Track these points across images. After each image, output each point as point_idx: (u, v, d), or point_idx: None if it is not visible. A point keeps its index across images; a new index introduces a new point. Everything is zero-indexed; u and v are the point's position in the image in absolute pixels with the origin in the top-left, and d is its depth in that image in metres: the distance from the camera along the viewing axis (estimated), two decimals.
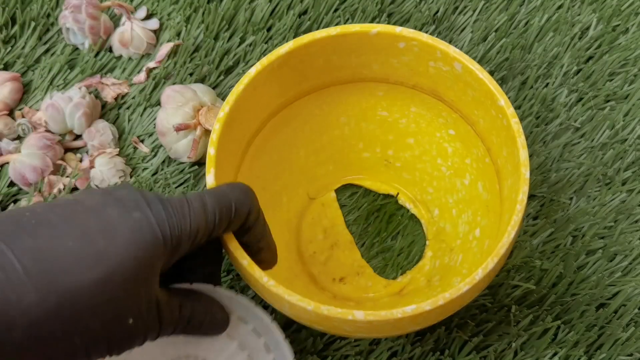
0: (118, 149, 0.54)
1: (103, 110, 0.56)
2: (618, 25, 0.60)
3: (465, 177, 0.50)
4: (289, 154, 0.52)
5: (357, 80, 0.49)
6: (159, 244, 0.34)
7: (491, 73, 0.57)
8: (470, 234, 0.49)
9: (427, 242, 0.52)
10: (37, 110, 0.56)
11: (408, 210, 0.53)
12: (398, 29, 0.44)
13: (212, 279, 0.41)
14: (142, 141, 0.56)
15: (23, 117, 0.55)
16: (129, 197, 0.35)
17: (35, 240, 0.32)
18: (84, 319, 0.32)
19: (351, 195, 0.54)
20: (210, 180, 0.42)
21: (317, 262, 0.51)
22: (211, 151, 0.42)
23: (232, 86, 0.57)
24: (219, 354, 0.41)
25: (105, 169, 0.53)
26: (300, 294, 0.39)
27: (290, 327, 0.48)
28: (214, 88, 0.57)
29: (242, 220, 0.38)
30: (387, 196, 0.54)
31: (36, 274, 0.31)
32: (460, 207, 0.50)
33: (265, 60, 0.44)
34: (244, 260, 0.39)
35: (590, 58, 0.59)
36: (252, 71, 0.44)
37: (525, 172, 0.40)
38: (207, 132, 0.53)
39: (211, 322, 0.39)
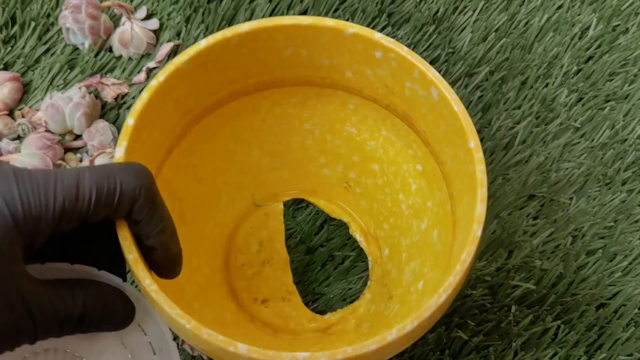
0: None
1: (103, 110, 0.56)
2: (618, 25, 0.60)
3: (423, 221, 0.45)
4: (239, 150, 0.47)
5: (328, 85, 0.44)
6: (9, 226, 0.29)
7: (491, 73, 0.57)
8: (413, 286, 0.44)
9: (369, 283, 0.47)
10: (37, 110, 0.56)
11: (357, 243, 0.49)
12: (377, 35, 0.39)
13: (114, 273, 0.35)
14: None
15: (23, 117, 0.55)
16: None
17: None
18: None
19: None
20: (119, 153, 0.36)
21: (243, 275, 0.47)
22: (129, 122, 0.37)
23: None
24: (103, 358, 0.35)
25: None
26: (210, 306, 0.33)
27: None
28: None
29: (130, 205, 0.32)
30: (339, 222, 0.50)
31: None
32: (411, 252, 0.46)
33: (219, 35, 0.39)
34: (130, 255, 0.34)
35: (590, 58, 0.59)
36: (202, 43, 0.39)
37: (476, 230, 0.35)
38: None
39: (112, 316, 0.34)
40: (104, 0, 0.59)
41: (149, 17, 0.60)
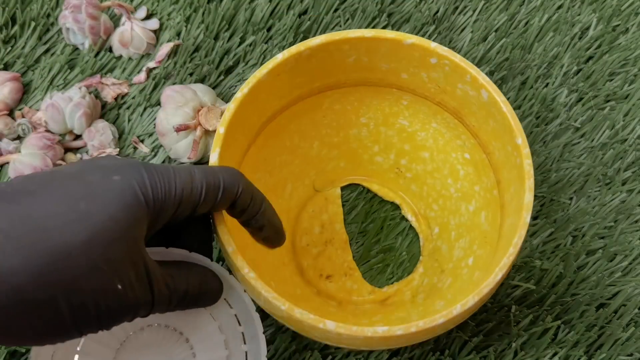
0: (118, 149, 0.54)
1: (103, 110, 0.56)
2: (618, 25, 0.60)
3: (470, 203, 0.49)
4: (303, 144, 0.51)
5: (385, 85, 0.49)
6: (141, 206, 0.33)
7: (491, 73, 0.57)
8: (464, 261, 0.48)
9: (421, 258, 0.51)
10: (37, 110, 0.56)
11: (409, 222, 0.52)
12: (433, 45, 0.44)
13: (203, 254, 0.40)
14: (142, 141, 0.56)
15: (23, 117, 0.55)
16: (109, 163, 0.35)
17: (14, 206, 0.31)
18: (68, 282, 0.31)
19: (356, 196, 0.54)
20: (213, 159, 0.42)
21: (308, 254, 0.51)
22: (221, 130, 0.42)
23: (232, 86, 0.57)
24: (198, 331, 0.40)
25: None
26: (283, 284, 0.38)
27: None
28: (214, 88, 0.57)
29: (230, 199, 0.38)
30: (391, 204, 0.53)
31: (17, 237, 0.30)
32: (460, 231, 0.50)
33: (294, 49, 0.44)
34: (229, 247, 0.39)
35: (590, 58, 0.59)
36: (279, 57, 0.44)
37: (526, 216, 0.40)
38: (207, 133, 0.53)
39: (207, 293, 0.39)
40: (104, 0, 0.59)
41: (149, 17, 0.60)
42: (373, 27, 0.59)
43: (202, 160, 0.54)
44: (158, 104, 0.56)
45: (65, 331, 0.32)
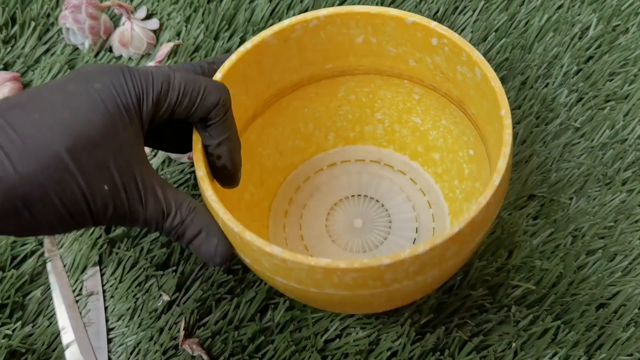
0: None
1: None
2: (618, 25, 0.60)
3: (471, 202, 0.49)
4: (318, 133, 0.53)
5: (396, 75, 0.49)
6: (120, 113, 0.36)
7: None
8: None
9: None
10: None
11: None
12: (433, 24, 0.44)
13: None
14: None
15: None
16: (92, 71, 0.37)
17: (4, 119, 0.34)
18: (58, 181, 0.34)
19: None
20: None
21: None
22: (217, 75, 0.43)
23: None
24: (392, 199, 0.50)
25: None
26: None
27: (290, 327, 0.48)
28: None
29: (209, 107, 0.39)
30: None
31: (7, 145, 0.34)
32: None
33: (301, 17, 0.45)
34: (199, 171, 0.40)
35: (590, 58, 0.59)
36: (286, 22, 0.45)
37: (495, 179, 0.39)
38: None
39: (205, 241, 0.40)
40: (104, 0, 0.59)
41: (149, 17, 0.60)
42: None
43: None
44: None
45: (66, 223, 0.36)
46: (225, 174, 0.42)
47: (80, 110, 0.35)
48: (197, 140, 0.41)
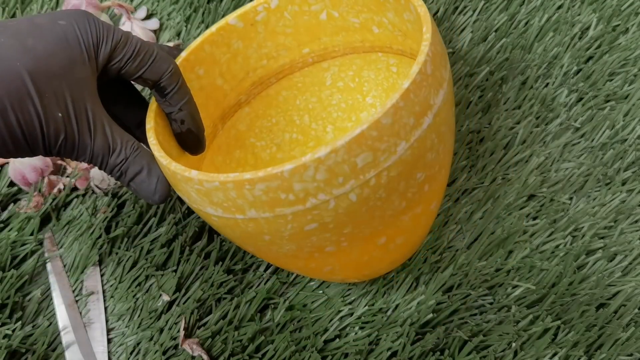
0: None
1: None
2: (618, 25, 0.60)
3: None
4: (315, 125, 0.53)
5: (368, 50, 0.50)
6: (79, 48, 0.39)
7: (491, 73, 0.57)
8: None
9: None
10: None
11: None
12: None
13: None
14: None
15: None
16: (60, 12, 0.40)
17: None
18: (15, 98, 0.37)
19: None
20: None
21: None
22: (183, 54, 0.46)
23: None
24: None
25: None
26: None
27: (290, 327, 0.48)
28: None
29: (159, 72, 0.42)
30: None
31: None
32: None
33: None
34: (148, 124, 0.42)
35: (590, 58, 0.59)
36: (248, 5, 0.47)
37: (405, 84, 0.37)
38: None
39: (146, 179, 0.42)
40: (104, 0, 0.59)
41: (149, 17, 0.60)
42: None
43: None
44: None
45: (18, 143, 0.38)
46: (192, 139, 0.45)
47: (44, 40, 0.38)
48: (153, 101, 0.44)
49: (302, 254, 0.43)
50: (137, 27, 0.58)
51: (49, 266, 0.51)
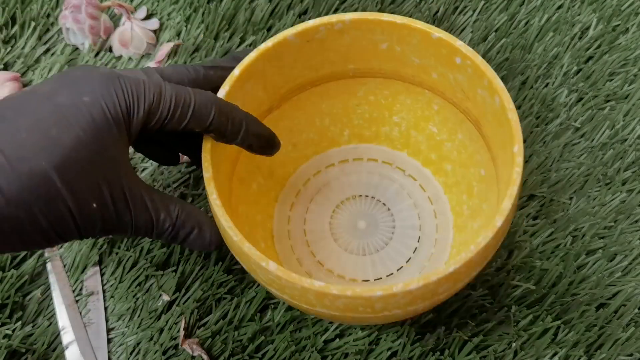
0: None
1: None
2: (618, 25, 0.60)
3: (476, 221, 0.48)
4: (333, 128, 0.53)
5: (417, 84, 0.49)
6: (110, 127, 0.36)
7: None
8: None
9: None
10: None
11: None
12: (458, 43, 0.44)
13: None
14: None
15: None
16: (82, 77, 0.37)
17: None
18: (46, 201, 0.34)
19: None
20: (220, 94, 0.43)
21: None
22: (235, 72, 0.44)
23: None
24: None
25: None
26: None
27: (290, 327, 0.48)
28: None
29: (204, 120, 0.39)
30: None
31: None
32: (461, 249, 0.49)
33: (326, 19, 0.45)
34: (206, 173, 0.41)
35: (590, 58, 0.59)
36: (310, 23, 0.45)
37: (498, 220, 0.39)
38: None
39: (198, 237, 0.40)
40: (104, 0, 0.59)
41: (149, 17, 0.60)
42: None
43: None
44: None
45: (52, 240, 0.36)
46: (266, 151, 0.44)
47: (69, 128, 0.35)
48: (207, 140, 0.41)
49: (341, 322, 0.47)
50: (137, 27, 0.58)
51: (49, 266, 0.51)
